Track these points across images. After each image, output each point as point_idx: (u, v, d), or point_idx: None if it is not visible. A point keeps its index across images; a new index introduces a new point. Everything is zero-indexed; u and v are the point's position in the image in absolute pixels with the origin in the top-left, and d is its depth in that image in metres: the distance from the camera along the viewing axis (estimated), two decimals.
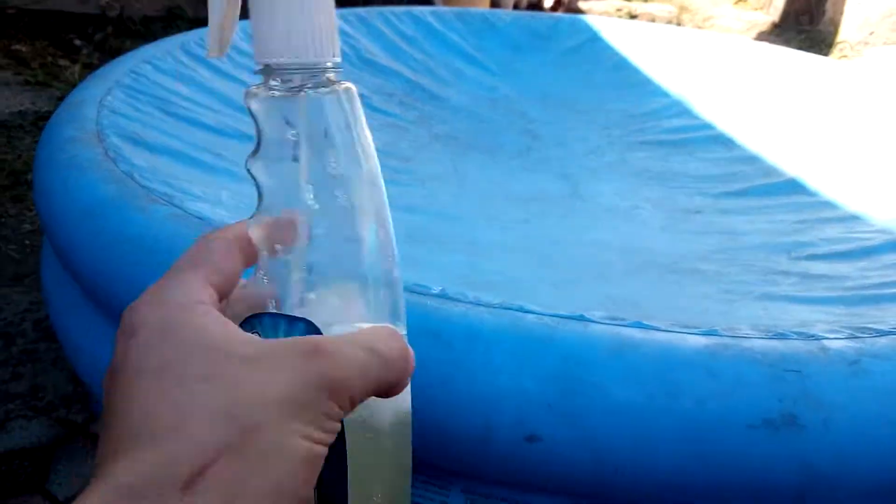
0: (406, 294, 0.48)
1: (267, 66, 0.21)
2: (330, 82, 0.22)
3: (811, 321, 0.59)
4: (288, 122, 0.22)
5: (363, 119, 0.23)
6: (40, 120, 1.45)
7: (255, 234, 0.23)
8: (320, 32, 0.21)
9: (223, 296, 0.22)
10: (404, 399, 0.24)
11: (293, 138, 0.22)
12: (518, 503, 0.46)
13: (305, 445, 0.18)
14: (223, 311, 0.21)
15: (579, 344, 0.44)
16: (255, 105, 0.22)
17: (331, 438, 0.19)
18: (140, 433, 0.18)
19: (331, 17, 0.22)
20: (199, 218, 0.52)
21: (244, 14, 0.23)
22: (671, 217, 0.95)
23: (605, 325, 0.46)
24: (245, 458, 0.18)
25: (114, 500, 0.16)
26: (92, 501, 0.16)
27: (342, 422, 0.21)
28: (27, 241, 1.08)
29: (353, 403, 0.20)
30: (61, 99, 1.51)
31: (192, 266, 0.21)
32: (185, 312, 0.20)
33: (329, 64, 0.22)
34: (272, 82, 0.21)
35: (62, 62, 1.71)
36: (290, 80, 0.21)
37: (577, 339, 0.44)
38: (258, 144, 0.22)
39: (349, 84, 0.23)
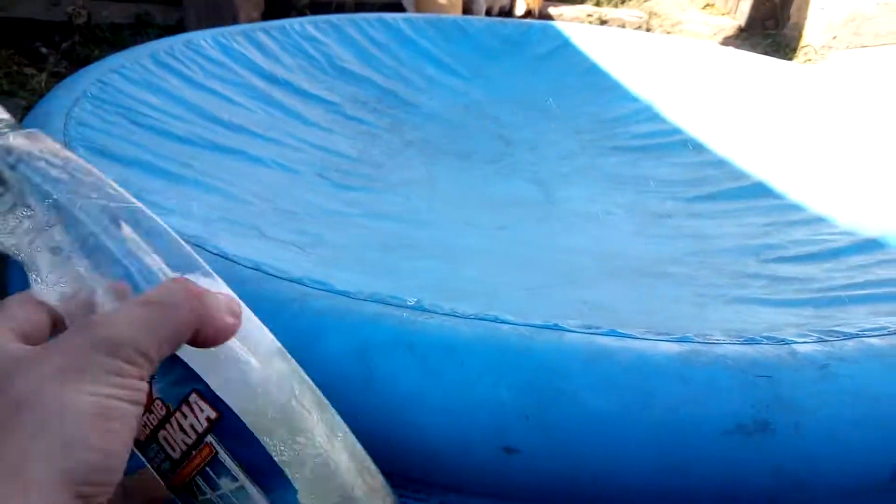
0: (380, 306, 0.48)
1: None
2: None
3: (780, 324, 0.60)
4: None
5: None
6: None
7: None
8: None
9: (28, 339, 0.22)
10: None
11: None
12: None
13: (91, 400, 0.19)
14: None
15: (554, 354, 0.44)
16: None
17: (128, 393, 0.20)
18: None
19: None
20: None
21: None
22: (643, 221, 0.96)
23: (579, 333, 0.46)
24: (28, 428, 0.18)
25: None
26: None
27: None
28: None
29: (150, 356, 0.21)
30: (27, 108, 1.48)
31: None
32: None
33: None
34: None
35: (28, 71, 1.68)
36: None
37: (553, 348, 0.44)
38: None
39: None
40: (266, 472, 0.25)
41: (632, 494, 0.44)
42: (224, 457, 0.26)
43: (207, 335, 0.22)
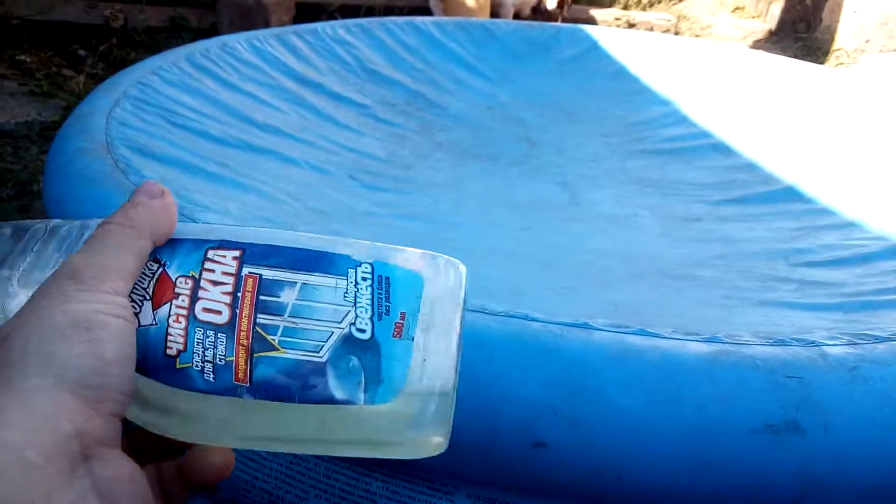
0: None
1: None
2: None
3: (810, 327, 0.60)
4: None
5: None
6: (46, 130, 1.46)
7: None
8: None
9: None
10: None
11: None
12: None
13: (64, 317, 0.20)
14: None
15: (583, 351, 0.45)
16: None
17: (103, 307, 0.20)
18: None
19: None
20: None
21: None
22: (670, 224, 0.96)
23: (608, 332, 0.47)
24: (7, 352, 0.19)
25: None
26: None
27: None
28: None
29: (116, 272, 0.22)
30: (66, 109, 1.53)
31: None
32: None
33: None
34: None
35: (67, 72, 1.72)
36: None
37: (582, 346, 0.45)
38: None
39: None
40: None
41: (658, 491, 0.44)
42: (269, 272, 0.24)
43: (161, 230, 0.24)
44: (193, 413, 0.23)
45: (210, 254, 0.24)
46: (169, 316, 0.23)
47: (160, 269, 0.24)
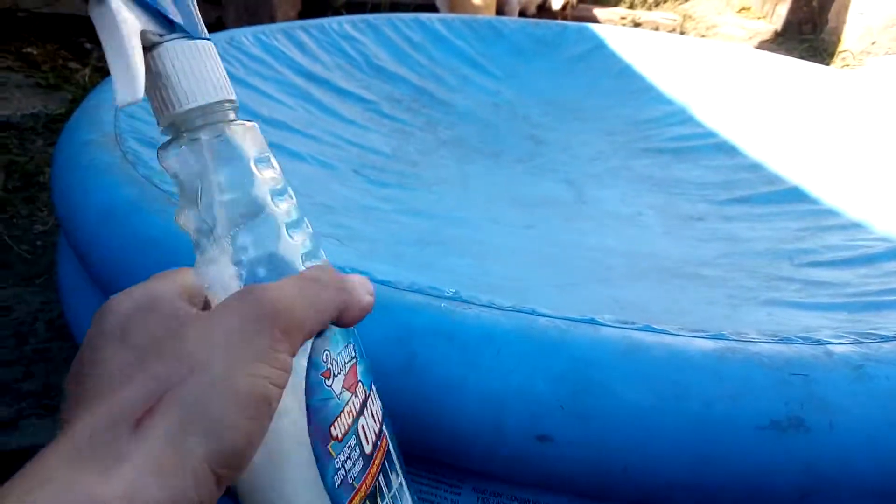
0: (420, 296, 0.49)
1: (172, 123, 0.23)
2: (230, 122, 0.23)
3: (815, 326, 0.60)
4: (198, 167, 0.23)
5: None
6: (52, 122, 1.46)
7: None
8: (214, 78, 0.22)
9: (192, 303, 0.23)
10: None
11: (201, 182, 0.22)
12: (528, 501, 0.47)
13: (248, 381, 0.19)
14: None
15: (590, 346, 0.45)
16: (172, 160, 0.23)
17: (281, 376, 0.19)
18: (99, 390, 0.19)
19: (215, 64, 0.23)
20: None
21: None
22: (674, 223, 0.96)
23: (615, 328, 0.47)
24: (190, 398, 0.18)
25: (72, 450, 0.17)
26: (50, 455, 0.17)
27: None
28: (39, 242, 1.09)
29: (304, 327, 0.21)
30: (73, 101, 1.53)
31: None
32: (154, 293, 0.21)
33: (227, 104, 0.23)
34: (184, 134, 0.23)
35: (73, 65, 1.72)
36: (195, 126, 0.22)
37: (588, 341, 0.45)
38: (182, 197, 0.23)
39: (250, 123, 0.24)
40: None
41: (663, 486, 0.44)
42: (392, 449, 0.25)
43: (353, 314, 0.23)
44: (286, 492, 0.22)
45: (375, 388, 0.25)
46: (348, 402, 0.23)
47: (354, 360, 0.24)
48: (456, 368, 0.44)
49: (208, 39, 0.23)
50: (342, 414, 0.23)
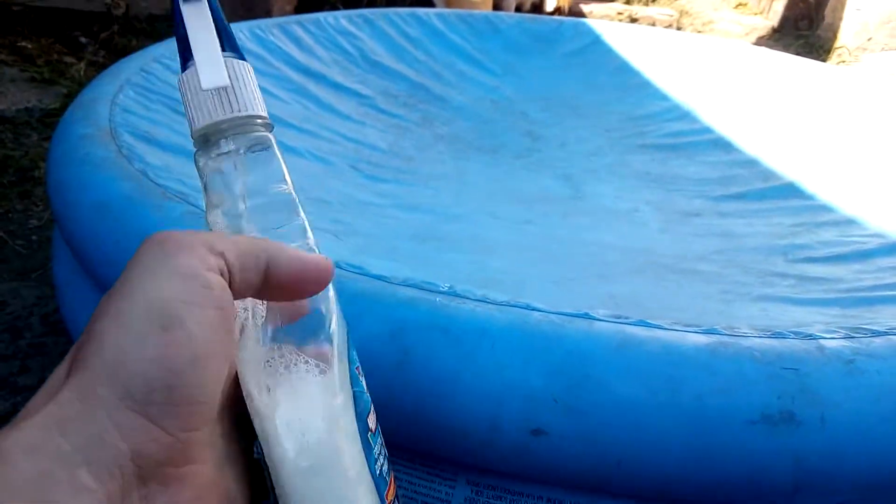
0: (415, 291, 0.49)
1: (204, 134, 0.24)
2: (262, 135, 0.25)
3: (808, 322, 0.60)
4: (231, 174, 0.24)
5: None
6: (46, 117, 1.46)
7: None
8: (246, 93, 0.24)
9: None
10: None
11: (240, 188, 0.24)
12: (522, 495, 0.48)
13: (142, 307, 0.17)
14: None
15: (584, 341, 0.45)
16: (211, 165, 0.24)
17: (190, 291, 0.17)
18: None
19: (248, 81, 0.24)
20: None
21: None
22: (670, 219, 0.97)
23: (609, 322, 0.47)
24: (92, 336, 0.17)
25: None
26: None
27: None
28: (34, 237, 1.09)
29: (225, 261, 0.19)
30: (68, 96, 1.52)
31: None
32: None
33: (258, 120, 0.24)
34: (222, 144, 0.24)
35: (68, 59, 1.71)
36: (228, 138, 0.24)
37: (583, 336, 0.46)
38: (213, 199, 0.24)
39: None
40: None
41: (656, 480, 0.44)
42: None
43: (282, 272, 0.21)
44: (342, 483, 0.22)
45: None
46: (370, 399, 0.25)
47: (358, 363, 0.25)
48: (450, 363, 0.45)
49: (246, 60, 0.25)
50: (372, 407, 0.24)
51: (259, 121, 0.25)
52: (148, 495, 0.16)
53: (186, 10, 0.23)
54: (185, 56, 0.24)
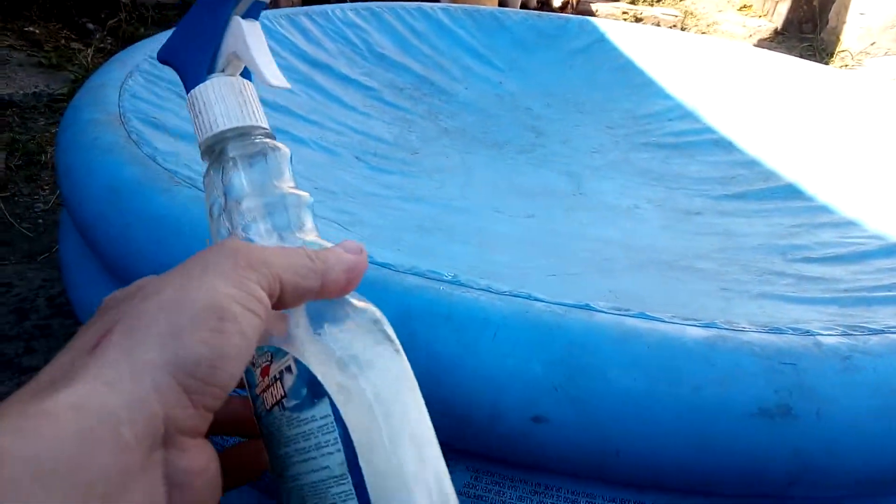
0: (419, 279, 0.50)
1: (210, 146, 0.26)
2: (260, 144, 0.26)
3: (805, 319, 0.61)
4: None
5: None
6: (54, 102, 1.46)
7: None
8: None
9: None
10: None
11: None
12: (521, 482, 0.48)
13: (208, 296, 0.19)
14: None
15: (585, 331, 0.46)
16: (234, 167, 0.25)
17: (247, 298, 0.19)
18: (68, 346, 0.19)
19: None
20: None
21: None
22: (671, 217, 0.97)
23: (610, 314, 0.48)
24: (143, 313, 0.18)
25: (31, 388, 0.17)
26: (10, 398, 0.17)
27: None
28: (40, 220, 1.10)
29: (272, 271, 0.20)
30: (75, 82, 1.53)
31: None
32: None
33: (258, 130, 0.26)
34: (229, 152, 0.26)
35: (75, 45, 1.72)
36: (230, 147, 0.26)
37: (583, 326, 0.46)
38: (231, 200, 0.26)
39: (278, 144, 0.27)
40: None
41: (654, 469, 0.45)
42: None
43: (327, 287, 0.23)
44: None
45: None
46: None
47: None
48: (453, 350, 0.45)
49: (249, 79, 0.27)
50: None
51: (264, 132, 0.27)
52: (169, 457, 0.18)
53: (248, 27, 0.26)
54: (203, 69, 0.26)
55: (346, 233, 0.70)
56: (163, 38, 0.93)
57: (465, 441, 0.48)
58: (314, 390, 0.22)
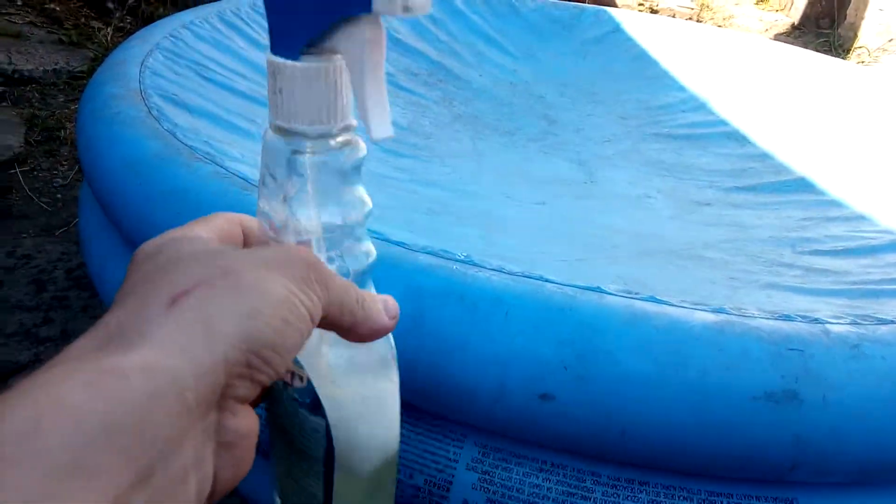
0: (433, 258, 0.51)
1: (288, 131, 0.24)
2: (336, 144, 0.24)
3: (813, 309, 0.62)
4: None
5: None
6: (73, 79, 1.47)
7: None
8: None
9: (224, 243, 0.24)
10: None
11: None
12: (527, 458, 0.49)
13: (283, 290, 0.20)
14: None
15: (595, 313, 0.47)
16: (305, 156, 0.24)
17: (309, 303, 0.21)
18: (133, 289, 0.20)
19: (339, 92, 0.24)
20: (241, 178, 0.55)
21: None
22: (681, 207, 0.98)
23: (620, 297, 0.49)
24: (224, 287, 0.19)
25: (100, 336, 0.18)
26: (77, 343, 0.18)
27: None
28: (59, 195, 1.11)
29: (327, 297, 0.22)
30: (94, 60, 1.54)
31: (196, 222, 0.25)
32: (188, 232, 0.23)
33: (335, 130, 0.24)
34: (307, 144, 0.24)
35: (95, 24, 1.73)
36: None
37: (594, 308, 0.47)
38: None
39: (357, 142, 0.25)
40: None
41: (659, 450, 0.46)
42: None
43: (362, 332, 0.24)
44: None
45: None
46: None
47: None
48: (465, 328, 0.46)
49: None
50: None
51: (346, 126, 0.25)
52: (222, 419, 0.19)
53: (369, 47, 0.22)
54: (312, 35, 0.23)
55: None
56: (183, 16, 0.94)
57: (474, 416, 0.49)
58: (315, 404, 0.25)
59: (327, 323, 0.23)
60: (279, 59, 0.22)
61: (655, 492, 0.48)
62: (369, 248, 0.27)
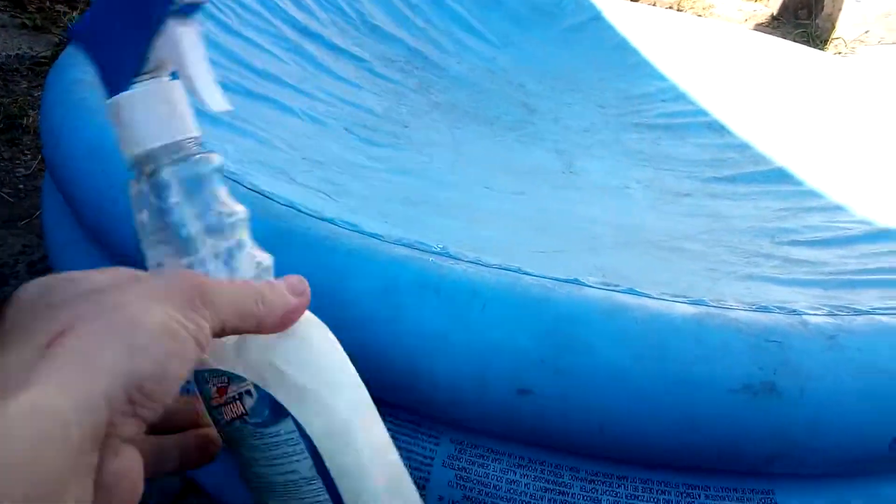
0: (408, 250, 0.50)
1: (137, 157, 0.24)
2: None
3: (791, 300, 0.61)
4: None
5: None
6: (36, 65, 1.43)
7: None
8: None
9: None
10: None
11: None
12: (504, 454, 0.49)
13: (164, 319, 0.20)
14: None
15: (573, 305, 0.46)
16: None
17: (197, 331, 0.21)
18: (12, 335, 0.19)
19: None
20: None
21: None
22: (660, 197, 0.97)
23: (598, 289, 0.48)
24: (102, 323, 0.19)
25: None
26: None
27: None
28: (21, 186, 1.08)
29: (220, 316, 0.22)
30: (59, 45, 1.49)
31: None
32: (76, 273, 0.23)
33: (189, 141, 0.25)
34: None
35: (60, 7, 1.68)
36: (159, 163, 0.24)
37: (572, 300, 0.46)
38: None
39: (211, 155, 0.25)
40: None
41: (638, 444, 0.45)
42: None
43: (272, 322, 0.25)
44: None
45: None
46: None
47: None
48: (441, 321, 0.45)
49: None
50: None
51: (195, 140, 0.25)
52: (103, 459, 0.19)
53: (184, 36, 0.24)
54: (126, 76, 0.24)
55: (332, 202, 0.69)
56: None
57: (451, 412, 0.48)
58: (277, 410, 0.25)
59: (233, 331, 0.23)
60: (116, 97, 0.24)
61: (634, 486, 0.48)
62: (256, 252, 0.27)
